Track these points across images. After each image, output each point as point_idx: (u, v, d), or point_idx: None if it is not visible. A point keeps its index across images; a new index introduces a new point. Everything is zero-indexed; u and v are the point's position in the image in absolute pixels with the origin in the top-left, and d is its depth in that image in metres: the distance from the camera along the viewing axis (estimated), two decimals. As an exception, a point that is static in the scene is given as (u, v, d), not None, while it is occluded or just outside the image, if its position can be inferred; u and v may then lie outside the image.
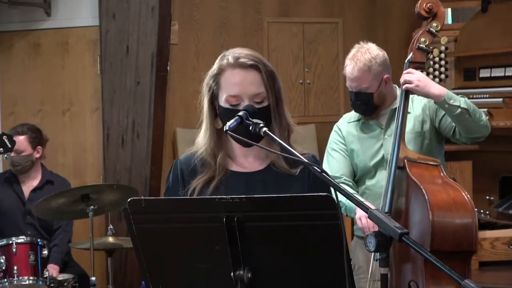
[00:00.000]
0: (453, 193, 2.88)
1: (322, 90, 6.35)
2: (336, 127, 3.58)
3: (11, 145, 4.07)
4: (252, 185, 2.19)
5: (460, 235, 2.80)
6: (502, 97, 5.10)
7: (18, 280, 4.23)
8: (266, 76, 2.18)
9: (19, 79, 5.96)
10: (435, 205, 2.82)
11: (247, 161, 2.25)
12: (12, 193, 4.86)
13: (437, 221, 2.75)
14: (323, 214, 1.75)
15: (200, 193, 2.20)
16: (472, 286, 1.64)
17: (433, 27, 3.21)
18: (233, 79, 2.16)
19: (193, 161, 2.25)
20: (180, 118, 5.98)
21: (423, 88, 3.14)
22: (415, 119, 3.38)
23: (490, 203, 5.19)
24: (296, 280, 1.84)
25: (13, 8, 5.90)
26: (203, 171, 2.22)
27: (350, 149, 3.47)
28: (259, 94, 2.16)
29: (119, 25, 5.60)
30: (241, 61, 2.17)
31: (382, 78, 3.34)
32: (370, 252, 1.86)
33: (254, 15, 6.19)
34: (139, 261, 1.90)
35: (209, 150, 2.23)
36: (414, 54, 3.21)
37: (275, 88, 2.20)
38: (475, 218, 2.84)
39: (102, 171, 5.80)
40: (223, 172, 2.22)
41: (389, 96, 3.40)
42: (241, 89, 2.15)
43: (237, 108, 2.15)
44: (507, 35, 5.21)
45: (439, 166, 3.04)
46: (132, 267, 5.53)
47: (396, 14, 6.46)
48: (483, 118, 3.26)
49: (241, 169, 2.24)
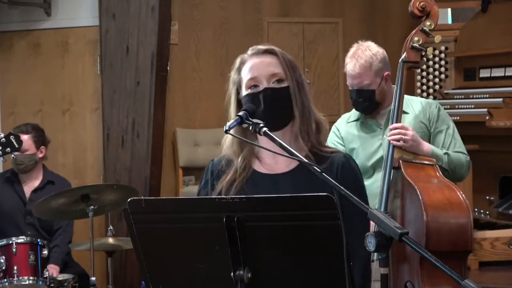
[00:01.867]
0: (448, 193, 2.87)
1: (322, 90, 6.35)
2: (334, 127, 3.57)
3: (18, 145, 4.07)
4: (282, 186, 2.17)
5: (455, 235, 2.80)
6: (502, 97, 5.10)
7: (18, 280, 4.22)
8: (284, 60, 2.20)
9: (19, 79, 5.96)
10: (429, 206, 2.81)
11: (276, 163, 2.23)
12: (13, 193, 4.86)
13: (431, 221, 2.75)
14: (323, 214, 1.75)
15: (226, 195, 2.17)
16: (472, 286, 1.63)
17: (426, 26, 3.20)
18: (250, 65, 2.20)
19: (221, 163, 2.26)
20: (180, 118, 5.98)
21: (416, 147, 3.13)
22: (415, 119, 3.37)
23: (490, 203, 5.20)
24: (296, 280, 1.84)
25: (13, 8, 5.90)
26: (227, 171, 2.23)
27: (350, 148, 3.46)
28: (276, 73, 2.18)
29: (119, 25, 5.60)
30: (258, 48, 2.22)
31: (383, 75, 3.35)
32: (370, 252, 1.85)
33: (254, 15, 6.20)
34: (139, 261, 1.90)
35: (234, 148, 2.24)
36: (408, 53, 3.20)
37: (295, 74, 2.20)
38: (470, 218, 2.83)
39: (102, 171, 5.80)
40: (245, 172, 2.21)
41: (388, 94, 3.39)
42: (257, 71, 2.18)
43: (256, 91, 2.16)
44: (507, 35, 5.21)
45: (435, 166, 3.04)
46: (132, 267, 5.53)
47: (396, 14, 6.46)
48: (463, 173, 3.32)
49: (268, 171, 2.23)
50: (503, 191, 5.20)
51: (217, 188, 2.21)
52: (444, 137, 3.34)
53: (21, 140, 4.12)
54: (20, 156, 4.73)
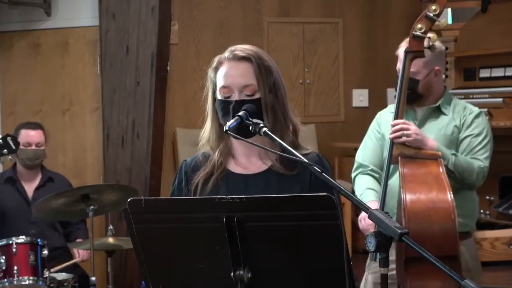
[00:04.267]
0: (436, 194, 2.80)
1: (322, 90, 6.35)
2: (378, 114, 3.45)
3: (16, 147, 4.08)
4: (253, 187, 2.18)
5: (438, 241, 2.72)
6: (502, 97, 5.10)
7: (18, 280, 4.22)
8: (259, 68, 2.19)
9: (19, 79, 5.96)
10: (410, 210, 2.76)
11: (249, 162, 2.24)
12: (15, 192, 4.86)
13: (412, 229, 2.66)
14: (323, 214, 1.75)
15: (201, 189, 2.20)
16: (472, 286, 1.63)
17: (431, 11, 3.06)
18: (225, 71, 2.21)
19: (197, 158, 2.27)
20: (180, 118, 5.98)
21: (420, 142, 3.03)
22: (449, 122, 3.24)
23: (490, 203, 5.19)
24: (296, 280, 1.84)
25: (13, 8, 5.90)
26: (204, 165, 2.24)
27: (382, 133, 3.33)
28: (248, 86, 2.17)
29: (119, 25, 5.60)
30: (234, 53, 2.21)
31: (433, 69, 3.21)
32: (370, 252, 1.85)
33: (254, 15, 6.20)
34: (139, 261, 1.90)
35: (211, 144, 2.25)
36: (410, 42, 3.08)
37: (269, 81, 2.19)
38: (455, 222, 2.76)
39: (102, 171, 5.80)
40: (221, 168, 2.22)
41: (434, 90, 3.25)
42: (231, 80, 2.18)
43: (228, 100, 2.17)
44: (507, 35, 5.21)
45: (439, 160, 2.95)
46: (132, 267, 5.53)
47: (396, 14, 6.46)
48: (473, 180, 3.13)
49: (241, 171, 2.24)
50: (503, 191, 5.19)
51: (194, 181, 2.22)
52: (469, 142, 3.19)
53: (19, 142, 4.13)
54: (39, 150, 4.79)
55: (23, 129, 4.85)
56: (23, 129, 4.85)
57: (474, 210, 3.29)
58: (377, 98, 6.38)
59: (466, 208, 3.13)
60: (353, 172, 3.38)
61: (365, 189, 3.22)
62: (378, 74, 6.42)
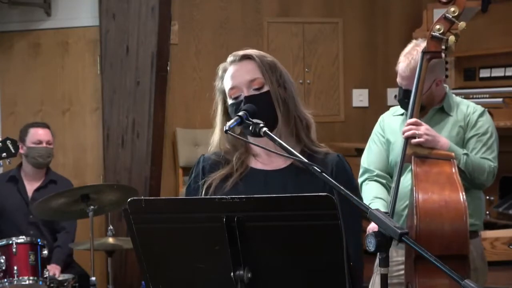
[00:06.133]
0: (448, 194, 2.81)
1: (322, 90, 6.35)
2: (380, 117, 3.43)
3: (15, 150, 4.08)
4: (272, 183, 2.18)
5: (448, 240, 2.73)
6: (502, 97, 5.10)
7: (18, 280, 4.22)
8: (263, 63, 2.20)
9: (19, 79, 5.96)
10: (422, 208, 2.77)
11: (270, 159, 2.24)
12: (16, 192, 4.86)
13: (423, 228, 2.70)
14: (323, 214, 1.75)
15: (217, 189, 2.19)
16: (472, 286, 1.63)
17: (450, 13, 3.04)
18: (230, 74, 2.22)
19: (218, 157, 2.26)
20: (180, 118, 5.99)
21: (432, 141, 3.01)
22: (455, 122, 3.23)
23: (490, 203, 5.20)
24: (296, 280, 1.84)
25: (13, 8, 5.90)
26: (223, 167, 2.23)
27: (386, 139, 3.32)
28: (255, 79, 2.18)
29: (119, 25, 5.60)
30: (235, 55, 2.23)
31: (434, 80, 3.20)
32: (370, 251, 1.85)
33: (254, 15, 6.20)
34: (139, 261, 1.90)
35: (229, 146, 2.25)
36: (428, 43, 3.07)
37: (275, 74, 2.21)
38: (466, 222, 2.76)
39: (102, 171, 5.80)
40: (242, 168, 2.22)
41: (437, 97, 3.25)
42: (237, 80, 2.19)
43: (237, 100, 2.18)
44: (507, 35, 5.21)
45: (452, 161, 2.95)
46: (132, 267, 5.53)
47: (396, 14, 6.46)
48: (483, 180, 3.12)
49: (262, 166, 2.23)
50: (503, 191, 5.19)
51: (207, 181, 2.21)
52: (475, 142, 3.18)
53: (18, 146, 4.14)
54: (49, 149, 4.79)
55: (32, 128, 4.84)
56: (32, 128, 4.84)
57: (481, 209, 3.29)
58: (377, 98, 6.38)
59: (474, 208, 3.13)
60: (359, 177, 3.36)
61: (373, 198, 3.19)
62: (378, 74, 6.42)
